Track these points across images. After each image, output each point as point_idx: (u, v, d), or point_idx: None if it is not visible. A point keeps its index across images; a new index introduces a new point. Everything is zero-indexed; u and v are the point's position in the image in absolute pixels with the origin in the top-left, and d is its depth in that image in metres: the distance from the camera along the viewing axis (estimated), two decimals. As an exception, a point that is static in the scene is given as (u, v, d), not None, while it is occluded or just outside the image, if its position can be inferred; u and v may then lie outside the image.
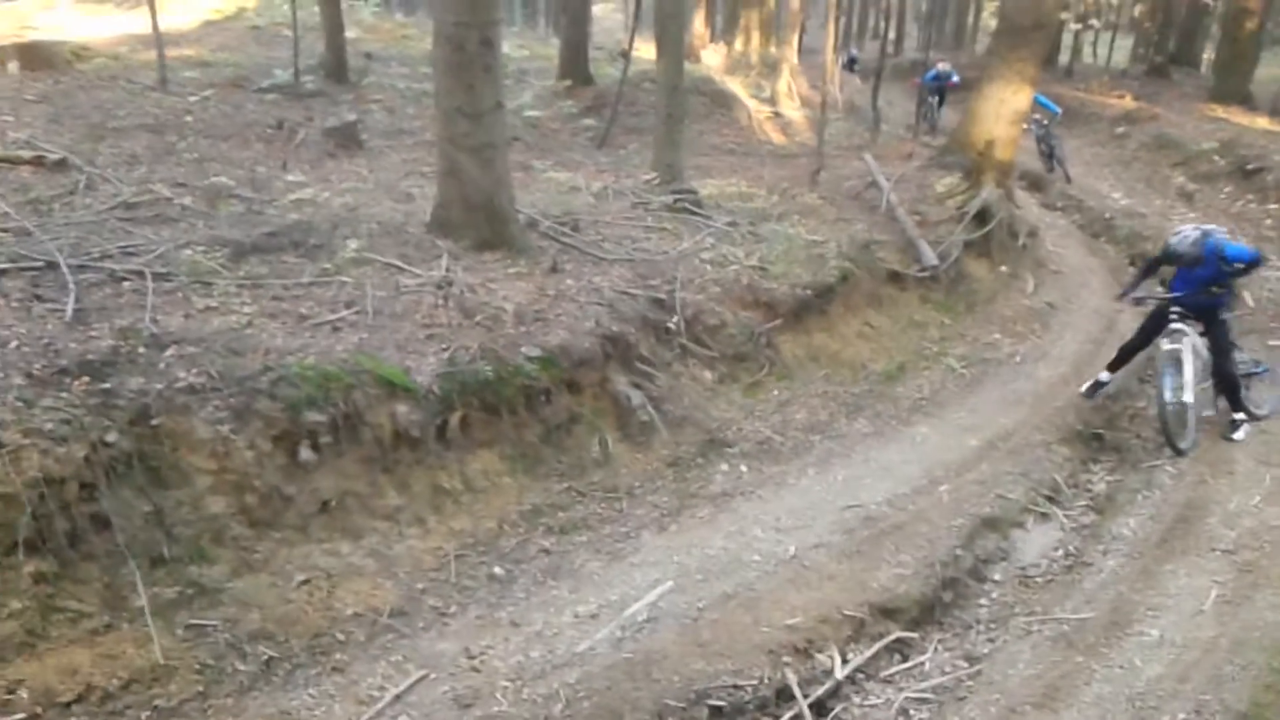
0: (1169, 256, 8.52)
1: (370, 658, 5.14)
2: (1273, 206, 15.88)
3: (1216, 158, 17.99)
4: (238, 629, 4.99)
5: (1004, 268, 12.72)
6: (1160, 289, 9.45)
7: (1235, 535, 6.94)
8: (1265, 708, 5.08)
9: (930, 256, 11.35)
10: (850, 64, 22.48)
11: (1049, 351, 10.78)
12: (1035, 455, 8.19)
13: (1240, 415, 8.54)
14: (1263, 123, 21.06)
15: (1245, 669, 5.44)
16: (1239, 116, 21.61)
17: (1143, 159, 19.79)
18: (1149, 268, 9.06)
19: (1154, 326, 8.72)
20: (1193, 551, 6.80)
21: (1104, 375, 9.35)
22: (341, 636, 5.22)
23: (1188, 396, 8.15)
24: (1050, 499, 7.66)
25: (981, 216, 12.56)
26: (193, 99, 13.16)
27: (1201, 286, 8.39)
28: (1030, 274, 12.96)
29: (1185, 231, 8.42)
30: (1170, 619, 6.03)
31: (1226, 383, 8.52)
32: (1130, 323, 11.81)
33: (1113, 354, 9.38)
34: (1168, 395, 8.15)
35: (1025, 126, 18.42)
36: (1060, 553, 7.04)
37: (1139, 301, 8.97)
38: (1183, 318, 8.37)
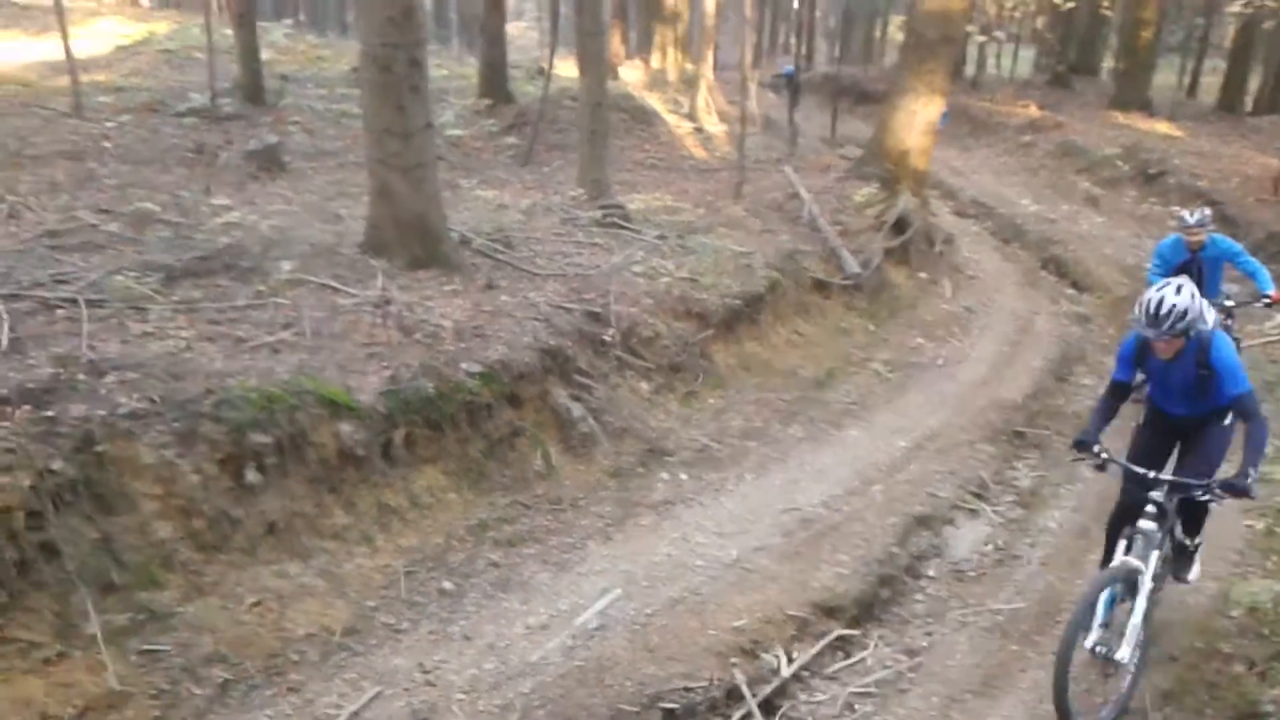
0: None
1: (325, 676, 5.15)
2: (1175, 208, 16.52)
3: (1120, 163, 18.71)
4: (191, 653, 4.96)
5: (923, 274, 13.11)
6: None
7: (1155, 523, 7.24)
8: (1190, 685, 5.33)
9: (853, 265, 11.65)
10: (788, 78, 22.86)
11: (969, 354, 11.13)
12: (962, 454, 8.47)
13: (1195, 541, 5.90)
14: (1162, 128, 21.99)
15: (1171, 651, 5.70)
16: (1140, 122, 22.53)
17: (1049, 166, 20.48)
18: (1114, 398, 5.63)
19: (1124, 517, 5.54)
20: (1115, 540, 7.08)
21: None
22: (295, 656, 5.21)
23: (1122, 653, 4.99)
24: (978, 496, 7.92)
25: (899, 225, 12.94)
26: (109, 125, 12.94)
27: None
28: (948, 279, 13.36)
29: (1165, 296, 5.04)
30: (1096, 606, 6.28)
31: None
32: (1046, 324, 12.29)
33: (1031, 355, 9.56)
34: (1089, 639, 5.01)
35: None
36: (990, 547, 7.29)
37: (1102, 466, 5.49)
38: (1158, 514, 5.24)
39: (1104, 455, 5.40)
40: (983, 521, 7.66)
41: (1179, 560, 5.89)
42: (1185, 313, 4.97)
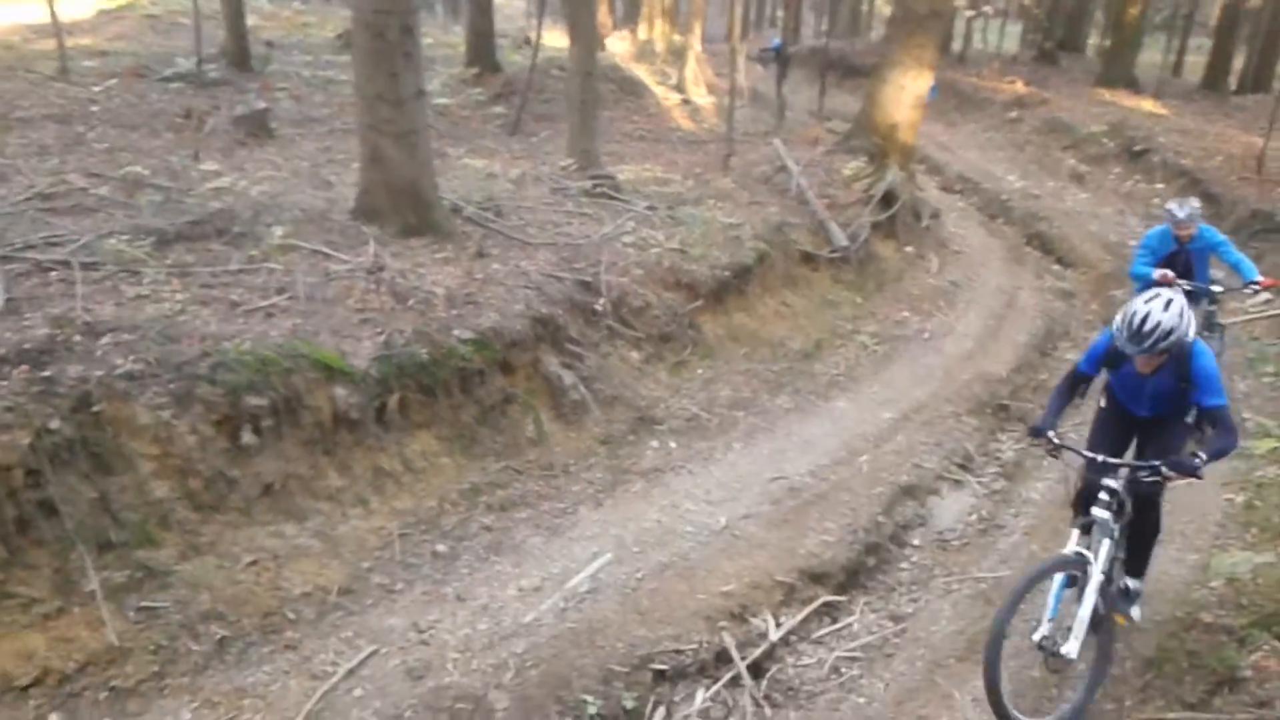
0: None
1: (321, 635, 5.23)
2: (1160, 186, 16.65)
3: (1105, 140, 18.78)
4: (189, 610, 5.03)
5: (910, 248, 13.18)
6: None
7: (1136, 495, 7.36)
8: (1171, 653, 5.43)
9: (840, 238, 11.71)
10: (776, 51, 22.81)
11: (955, 327, 11.22)
12: (947, 426, 8.57)
13: (1137, 583, 5.70)
14: (1148, 105, 22.08)
15: (1152, 619, 5.81)
16: (1126, 100, 22.61)
17: (1035, 142, 20.53)
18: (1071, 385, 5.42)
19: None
20: (1098, 511, 7.21)
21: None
22: (292, 615, 5.29)
23: (1068, 647, 4.68)
24: (963, 467, 8.04)
25: (887, 199, 12.99)
26: (96, 89, 12.86)
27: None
28: (934, 254, 13.44)
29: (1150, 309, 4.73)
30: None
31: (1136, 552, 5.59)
32: (1031, 299, 12.39)
33: (1015, 330, 9.61)
34: (1038, 632, 4.75)
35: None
36: (974, 517, 7.40)
37: (1056, 453, 5.17)
38: (1112, 501, 4.99)
39: (1057, 442, 5.13)
40: (967, 492, 7.77)
41: (1123, 598, 5.53)
42: (1171, 331, 4.65)
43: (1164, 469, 4.80)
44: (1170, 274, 7.94)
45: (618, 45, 25.49)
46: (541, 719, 4.85)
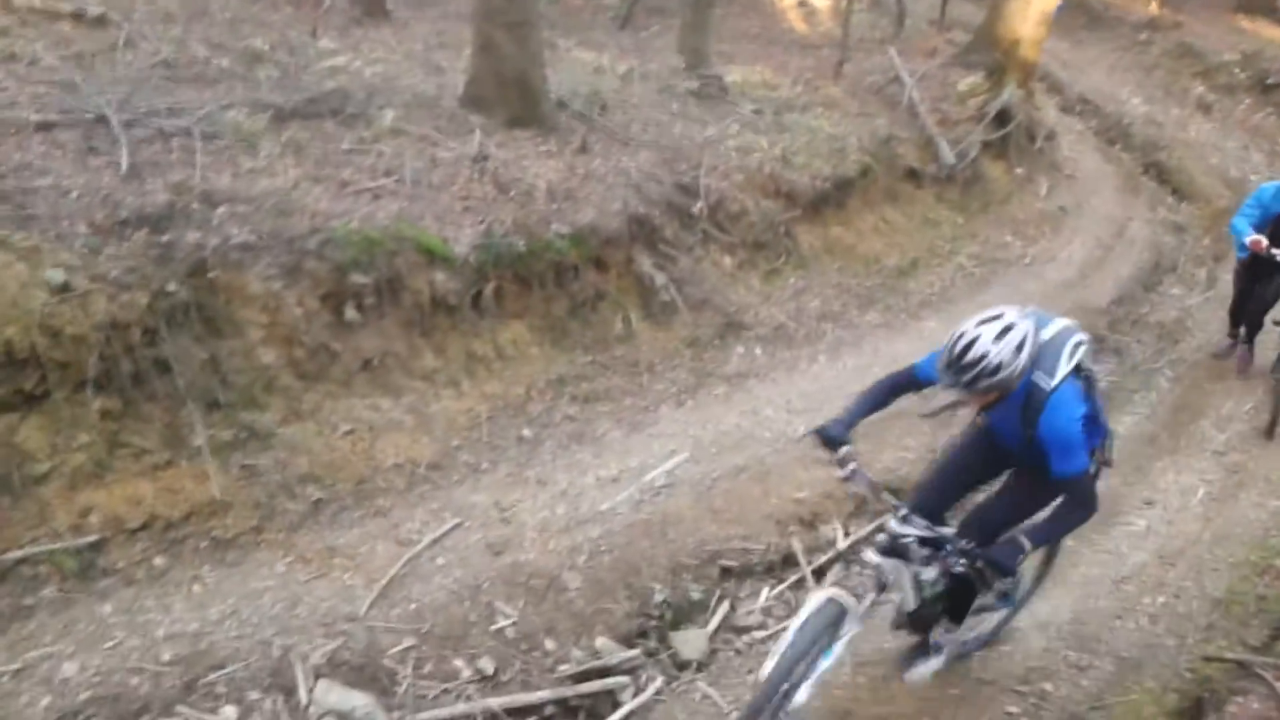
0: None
1: (409, 505, 5.53)
2: (1290, 122, 15.90)
3: (1237, 70, 17.89)
4: (287, 471, 5.36)
5: (1020, 170, 12.83)
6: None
7: (1225, 438, 7.31)
8: (1240, 595, 5.45)
9: (949, 155, 11.47)
10: None
11: (1058, 254, 11.00)
12: (1039, 354, 8.47)
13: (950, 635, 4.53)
14: (1288, 36, 20.88)
15: (1226, 561, 5.82)
16: (1266, 29, 21.38)
17: (1163, 67, 19.60)
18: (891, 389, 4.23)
19: None
20: (1183, 451, 7.17)
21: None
22: (383, 484, 5.60)
23: (797, 699, 3.77)
24: (1052, 395, 7.96)
25: (1001, 117, 12.62)
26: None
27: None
28: (1045, 177, 13.07)
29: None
30: (1158, 512, 6.42)
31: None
32: (1141, 231, 12.06)
33: (1121, 262, 9.38)
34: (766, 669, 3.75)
35: None
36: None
37: (847, 476, 3.92)
38: (888, 547, 3.97)
39: (851, 466, 3.87)
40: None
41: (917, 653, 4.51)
42: (997, 370, 3.56)
43: (981, 560, 3.79)
44: (1263, 242, 7.37)
45: (737, -60, 24.82)
46: (611, 601, 5.10)
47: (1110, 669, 4.98)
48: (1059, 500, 3.90)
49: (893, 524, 3.93)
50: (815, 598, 3.95)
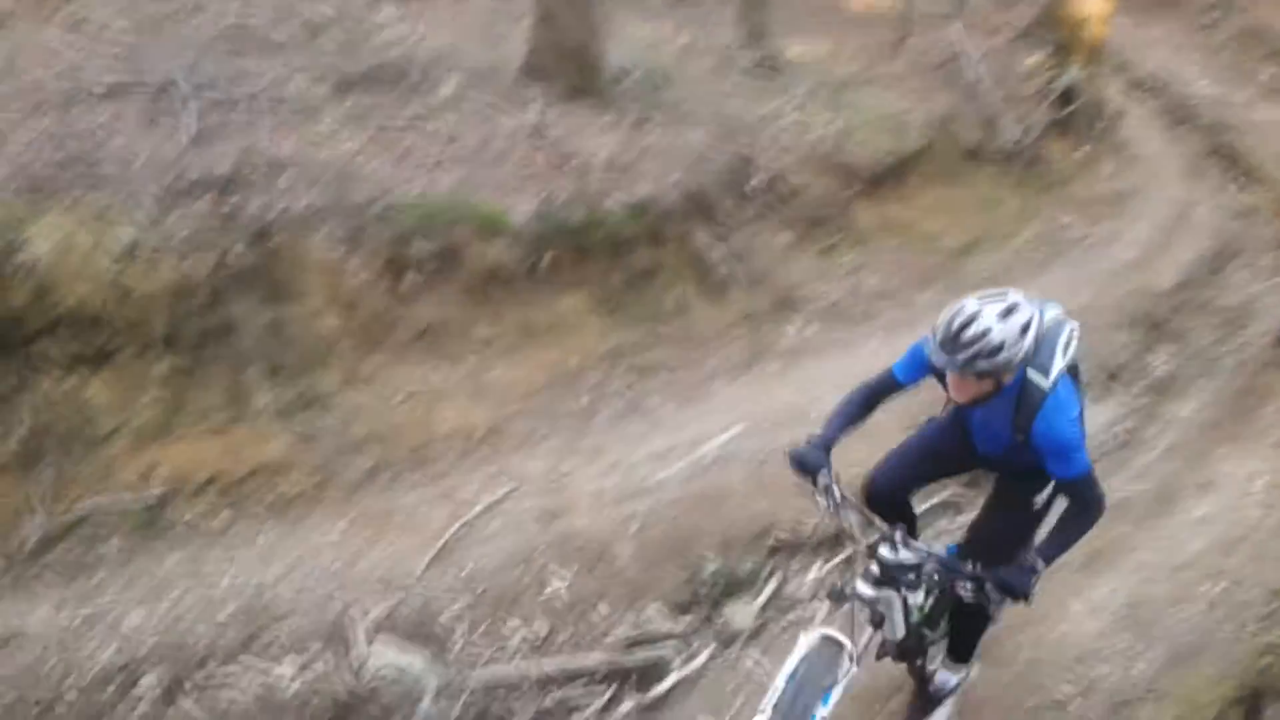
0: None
1: (465, 470, 5.60)
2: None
3: (1307, 54, 17.44)
4: (346, 435, 5.46)
5: (1083, 150, 12.62)
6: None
7: (1289, 427, 7.15)
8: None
9: (1012, 134, 11.31)
10: None
11: (1121, 236, 10.79)
12: (1099, 337, 8.33)
13: (958, 676, 4.30)
14: (1365, 19, 20.26)
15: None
16: (1341, 11, 20.77)
17: (1232, 48, 19.12)
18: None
19: None
20: (1245, 439, 7.03)
21: None
22: (439, 449, 5.69)
23: None
24: (1112, 378, 7.85)
25: (1066, 96, 12.41)
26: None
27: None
28: (1109, 158, 12.84)
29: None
30: (1217, 499, 6.30)
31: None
32: (1206, 214, 11.80)
33: (1185, 246, 9.16)
34: None
35: None
36: (1117, 429, 7.26)
37: (830, 505, 3.73)
38: (881, 577, 3.57)
39: (836, 494, 3.65)
40: (1113, 403, 7.59)
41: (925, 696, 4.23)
42: (999, 349, 3.21)
43: (989, 586, 3.33)
44: None
45: (799, -86, 24.55)
46: (662, 571, 5.12)
47: (1165, 655, 4.92)
48: (1065, 506, 3.59)
49: (885, 551, 3.54)
50: (807, 638, 3.55)
